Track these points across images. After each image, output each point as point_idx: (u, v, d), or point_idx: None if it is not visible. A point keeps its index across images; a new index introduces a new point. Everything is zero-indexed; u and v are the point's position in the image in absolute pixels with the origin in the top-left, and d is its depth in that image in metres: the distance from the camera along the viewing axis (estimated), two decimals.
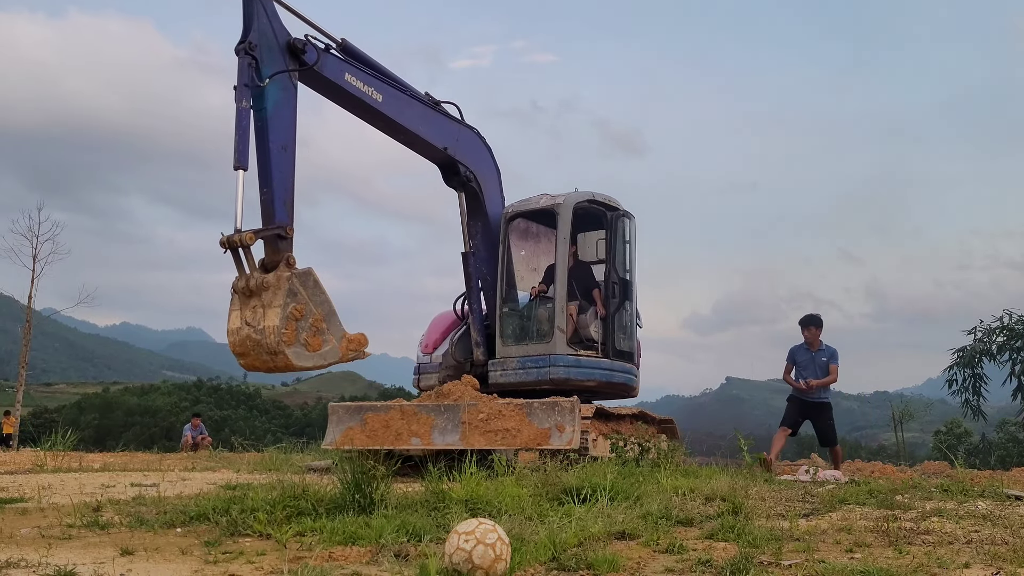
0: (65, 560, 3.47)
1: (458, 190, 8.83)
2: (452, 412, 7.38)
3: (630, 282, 9.04)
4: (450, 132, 8.48)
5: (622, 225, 9.01)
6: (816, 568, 3.28)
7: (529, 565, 3.39)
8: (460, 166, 8.54)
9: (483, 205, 8.88)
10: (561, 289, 8.38)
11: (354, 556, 3.68)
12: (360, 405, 8.04)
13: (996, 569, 3.33)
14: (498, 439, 6.99)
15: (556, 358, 8.19)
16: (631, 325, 9.11)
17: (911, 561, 3.44)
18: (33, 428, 27.42)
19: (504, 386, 8.43)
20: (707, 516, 4.73)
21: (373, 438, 7.56)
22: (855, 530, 4.32)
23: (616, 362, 8.69)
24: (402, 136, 8.08)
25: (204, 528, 4.55)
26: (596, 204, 8.92)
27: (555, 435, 6.91)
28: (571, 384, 8.18)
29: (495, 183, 9.06)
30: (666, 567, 3.44)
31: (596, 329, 8.59)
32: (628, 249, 9.09)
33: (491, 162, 9.03)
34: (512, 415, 7.14)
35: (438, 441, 7.24)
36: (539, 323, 8.57)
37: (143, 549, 3.89)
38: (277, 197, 6.23)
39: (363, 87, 7.45)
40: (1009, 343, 19.43)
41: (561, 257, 8.50)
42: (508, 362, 8.53)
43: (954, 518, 4.78)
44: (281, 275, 5.77)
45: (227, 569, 3.46)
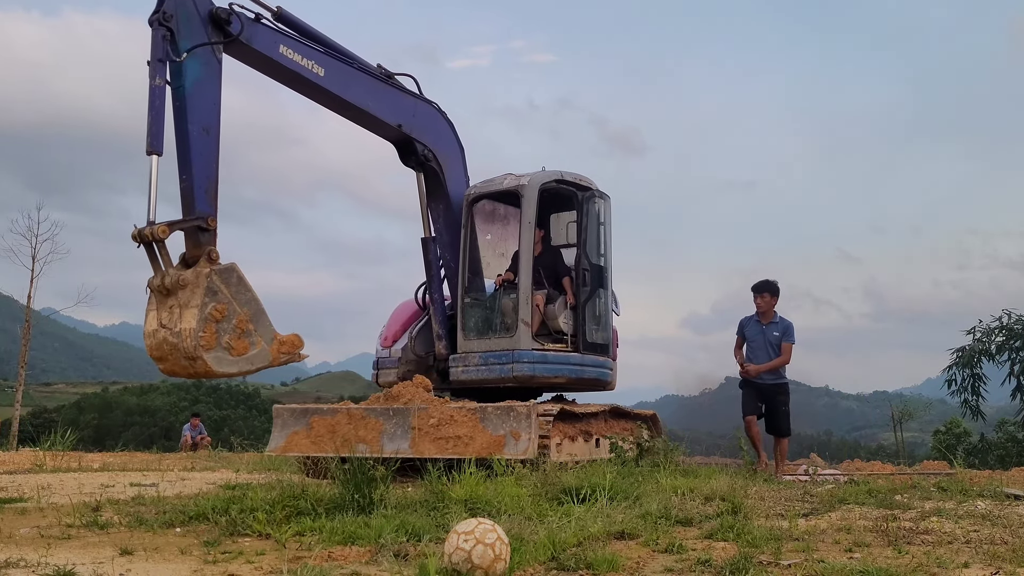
0: (64, 560, 3.47)
1: (416, 170, 8.22)
2: (402, 416, 6.87)
3: (604, 268, 8.37)
4: (404, 107, 7.86)
5: (594, 206, 8.29)
6: (815, 568, 3.29)
7: (528, 565, 3.39)
8: (417, 144, 7.92)
9: (444, 186, 8.24)
10: (526, 278, 7.71)
11: (353, 556, 3.68)
12: (306, 408, 7.55)
13: (995, 569, 3.34)
14: (449, 447, 6.50)
15: (520, 353, 7.54)
16: (605, 314, 8.47)
17: (910, 561, 3.44)
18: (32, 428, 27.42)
19: (466, 383, 7.93)
20: (706, 516, 4.73)
21: (318, 444, 7.07)
22: (854, 530, 4.32)
23: (588, 356, 8.04)
24: (350, 113, 7.54)
25: (203, 528, 4.55)
26: (565, 184, 8.19)
27: (510, 443, 6.39)
28: (537, 381, 7.65)
29: (458, 162, 8.42)
30: (665, 567, 3.45)
31: (566, 320, 7.97)
32: (602, 232, 8.40)
33: (453, 139, 8.39)
34: (464, 421, 6.62)
35: (387, 448, 6.66)
36: (503, 315, 7.92)
37: (142, 549, 3.89)
38: (198, 185, 5.76)
39: (301, 60, 6.87)
40: (1008, 343, 19.44)
41: (526, 243, 7.82)
42: (470, 357, 7.88)
43: (953, 518, 4.78)
44: (200, 272, 5.35)
45: (226, 569, 3.46)
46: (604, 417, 8.11)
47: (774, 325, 7.69)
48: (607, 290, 8.44)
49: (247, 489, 5.74)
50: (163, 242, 5.43)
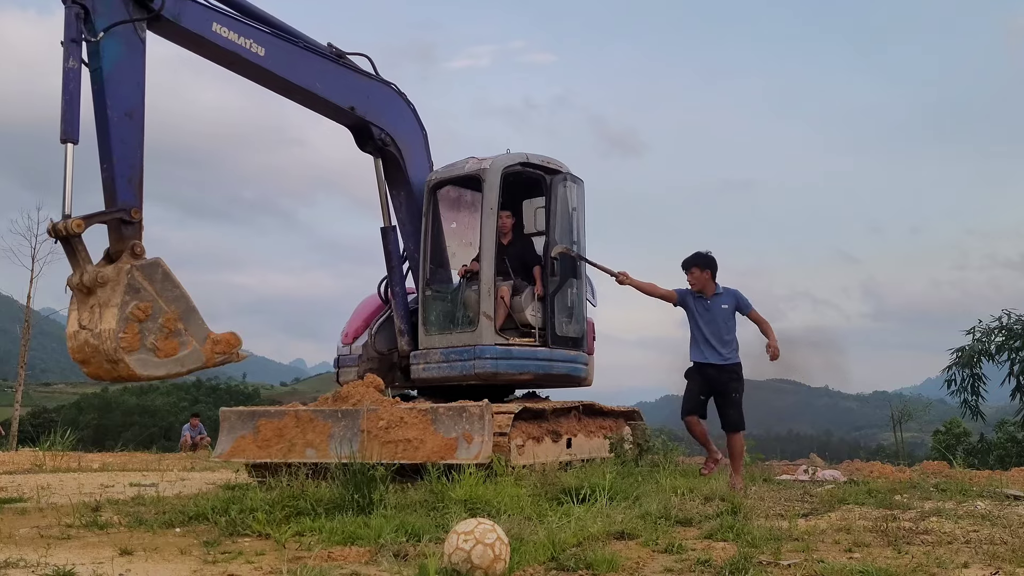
0: (64, 560, 3.47)
1: (374, 155, 7.74)
2: (351, 419, 6.44)
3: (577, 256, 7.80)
4: (357, 89, 7.38)
5: (564, 190, 7.72)
6: (815, 568, 3.29)
7: (528, 565, 3.39)
8: (373, 127, 7.46)
9: (405, 172, 7.77)
10: (488, 268, 7.22)
11: (353, 556, 3.68)
12: (253, 410, 7.13)
13: (995, 569, 3.34)
14: (399, 451, 6.08)
15: (482, 349, 7.04)
16: (578, 306, 7.89)
17: (910, 561, 3.44)
18: (32, 428, 27.41)
19: (428, 381, 7.52)
20: (706, 516, 4.73)
21: (265, 449, 6.69)
22: (854, 530, 4.32)
23: (557, 350, 7.49)
24: (298, 96, 7.10)
25: (203, 528, 4.55)
26: (531, 167, 7.62)
27: (462, 446, 5.94)
28: (501, 378, 7.15)
29: (419, 147, 7.92)
30: (665, 567, 3.45)
31: (534, 313, 7.41)
32: (575, 218, 7.84)
33: (413, 123, 7.88)
34: (415, 423, 6.18)
35: (335, 452, 6.26)
36: (465, 308, 7.44)
37: (142, 549, 3.89)
38: (119, 174, 5.38)
39: (238, 39, 6.40)
40: (1008, 343, 19.45)
41: (488, 230, 7.30)
42: (431, 354, 7.39)
43: (953, 518, 4.78)
44: (121, 268, 5.03)
45: (226, 569, 3.46)
46: (577, 415, 7.66)
47: (719, 298, 6.43)
48: (581, 280, 7.91)
49: (247, 489, 5.74)
50: (79, 237, 5.14)
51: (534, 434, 6.81)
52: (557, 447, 7.12)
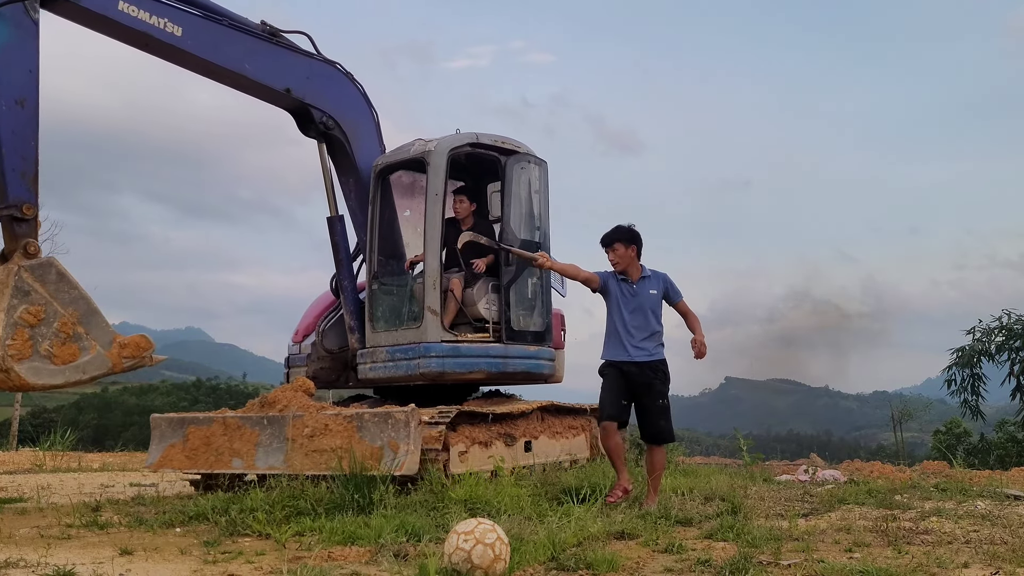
0: (64, 560, 3.47)
1: (318, 140, 7.24)
2: (277, 426, 6.02)
3: (540, 243, 7.16)
4: (294, 69, 6.88)
5: (521, 172, 7.11)
6: (815, 568, 3.29)
7: (528, 565, 3.39)
8: (313, 110, 6.99)
9: (352, 158, 7.24)
10: (432, 259, 6.67)
11: (353, 556, 3.68)
12: (183, 417, 6.67)
13: (995, 569, 3.34)
14: (323, 461, 5.65)
15: (427, 347, 6.49)
16: (540, 297, 7.27)
17: (910, 561, 3.45)
18: (32, 428, 27.42)
19: (375, 382, 7.04)
20: (706, 516, 4.73)
21: (193, 458, 6.30)
22: (854, 530, 4.32)
23: (513, 346, 6.85)
24: (226, 79, 6.63)
25: (203, 528, 4.56)
26: (482, 148, 7.01)
27: (387, 455, 5.44)
28: (448, 377, 6.56)
29: (368, 130, 7.38)
30: (665, 567, 3.45)
31: (487, 306, 6.84)
32: (537, 201, 7.25)
33: (361, 105, 7.34)
34: (339, 430, 5.73)
35: (261, 462, 5.92)
36: (411, 303, 6.90)
37: (142, 549, 3.90)
38: (10, 167, 5.03)
39: (149, 18, 5.94)
40: (1008, 343, 19.45)
41: (432, 217, 6.71)
42: (377, 352, 6.85)
43: (953, 518, 4.79)
44: (9, 268, 4.71)
45: (226, 569, 3.47)
46: (540, 415, 7.13)
47: (647, 281, 5.49)
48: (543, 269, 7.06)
49: (247, 489, 5.74)
50: None
51: (481, 438, 6.26)
52: (512, 451, 6.56)
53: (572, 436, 7.48)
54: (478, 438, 6.23)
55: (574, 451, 7.42)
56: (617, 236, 5.48)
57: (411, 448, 5.38)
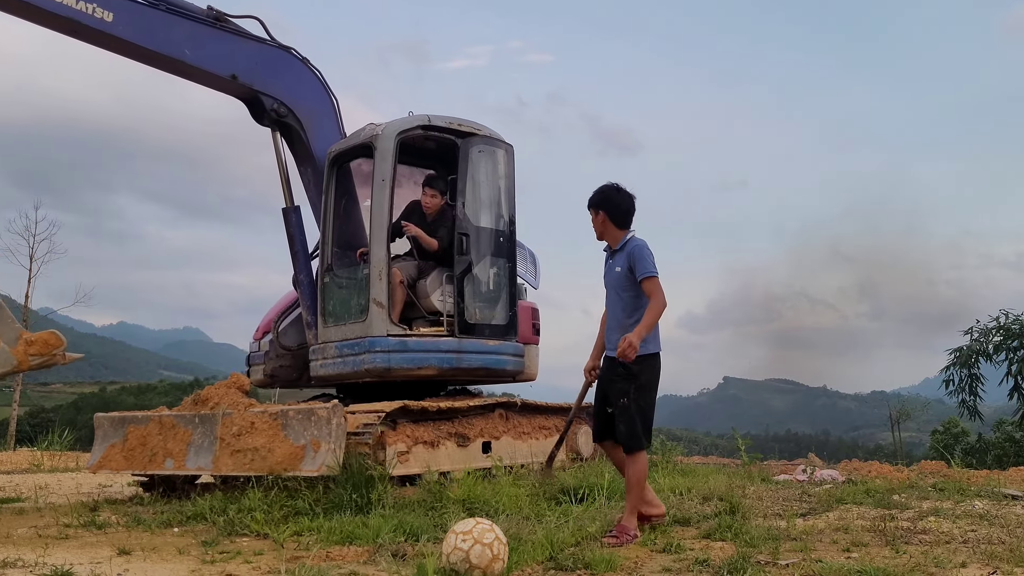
0: (62, 560, 3.47)
1: (271, 129, 6.93)
2: (209, 424, 5.76)
3: (504, 232, 6.86)
4: (241, 55, 6.56)
5: (480, 156, 6.77)
6: (813, 567, 3.29)
7: (527, 564, 3.39)
8: (264, 97, 6.69)
9: (308, 146, 6.96)
10: (379, 249, 6.32)
11: (351, 556, 3.68)
12: (124, 416, 6.43)
13: (993, 568, 3.34)
14: (247, 461, 5.36)
15: (372, 341, 6.17)
16: (503, 289, 6.85)
17: (908, 560, 3.45)
18: (30, 428, 27.39)
19: (326, 379, 6.76)
20: (704, 516, 4.73)
21: (130, 459, 6.06)
22: (852, 530, 4.32)
23: (469, 340, 6.49)
24: (166, 66, 6.35)
25: (201, 528, 4.56)
26: (435, 131, 6.68)
27: (308, 455, 5.11)
28: (396, 374, 6.24)
29: (327, 118, 7.07)
30: (663, 566, 3.45)
31: (441, 299, 6.50)
32: (502, 188, 6.93)
33: (318, 91, 7.05)
34: (264, 428, 5.44)
35: (191, 463, 5.68)
36: (359, 295, 6.51)
37: (140, 549, 3.89)
38: None
39: (76, 4, 5.66)
40: (1005, 343, 19.47)
41: (379, 205, 6.38)
42: (328, 348, 6.59)
43: (951, 517, 4.79)
44: None
45: (224, 569, 3.46)
46: (503, 414, 6.71)
47: (617, 256, 4.51)
48: (506, 259, 6.90)
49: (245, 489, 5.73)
50: None
51: (426, 438, 5.89)
52: (466, 452, 6.15)
53: (543, 438, 7.00)
54: (423, 437, 5.87)
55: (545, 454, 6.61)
56: (590, 201, 4.60)
57: (332, 447, 5.05)
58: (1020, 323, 19.26)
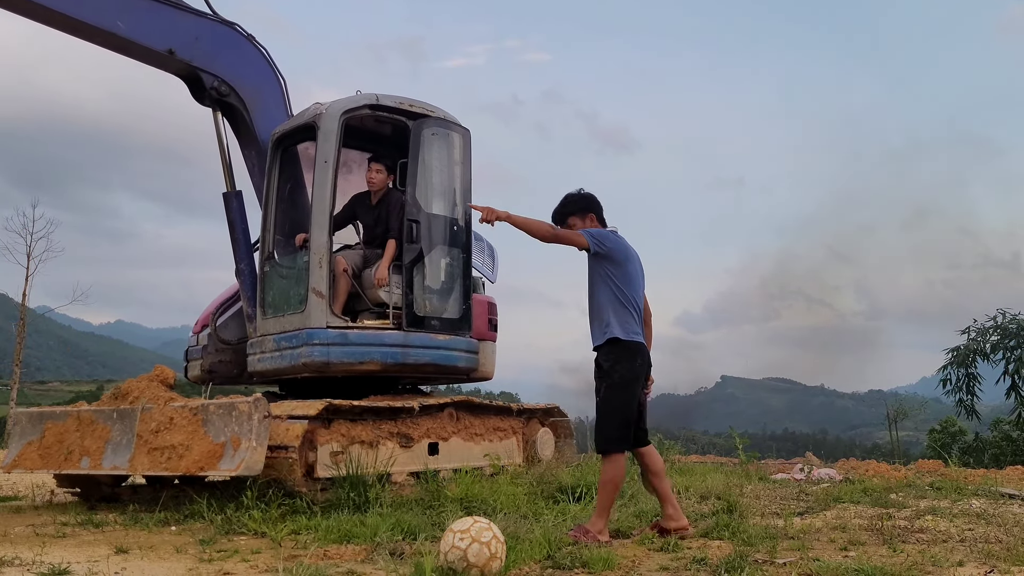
0: (59, 559, 3.46)
1: (212, 109, 6.57)
2: (128, 420, 5.39)
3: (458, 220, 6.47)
4: (179, 29, 6.22)
5: (433, 139, 6.38)
6: (811, 566, 3.29)
7: (524, 563, 3.39)
8: (204, 75, 6.35)
9: (252, 128, 6.60)
10: (320, 234, 5.95)
11: (349, 554, 3.68)
12: (43, 412, 6.10)
13: (990, 567, 3.34)
14: (163, 460, 5.02)
15: (310, 333, 5.79)
16: (457, 280, 6.44)
17: (905, 559, 3.45)
18: None
19: (263, 374, 6.32)
20: (702, 515, 4.74)
21: (46, 457, 5.69)
22: (849, 528, 4.33)
23: (416, 334, 6.06)
24: (98, 38, 6.05)
25: (199, 526, 4.55)
26: (383, 110, 6.29)
27: (228, 454, 4.78)
28: (335, 368, 5.83)
29: (273, 98, 6.72)
30: (661, 565, 3.45)
31: (389, 289, 6.09)
32: (457, 174, 6.53)
33: (263, 70, 6.68)
34: (184, 425, 5.08)
35: (108, 462, 5.31)
36: (299, 285, 6.11)
37: (138, 547, 3.89)
38: None
39: None
40: (1003, 342, 19.52)
41: (320, 187, 6.02)
42: (265, 341, 6.18)
43: (948, 516, 4.80)
44: None
45: (222, 567, 3.46)
46: (453, 414, 6.29)
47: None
48: (460, 250, 6.51)
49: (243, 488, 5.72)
50: None
51: (364, 437, 5.52)
52: (410, 454, 5.80)
53: (498, 439, 6.61)
54: (360, 437, 5.50)
55: (499, 456, 6.46)
56: (569, 210, 4.45)
57: (254, 445, 4.71)
58: (1017, 323, 19.31)
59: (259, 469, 4.68)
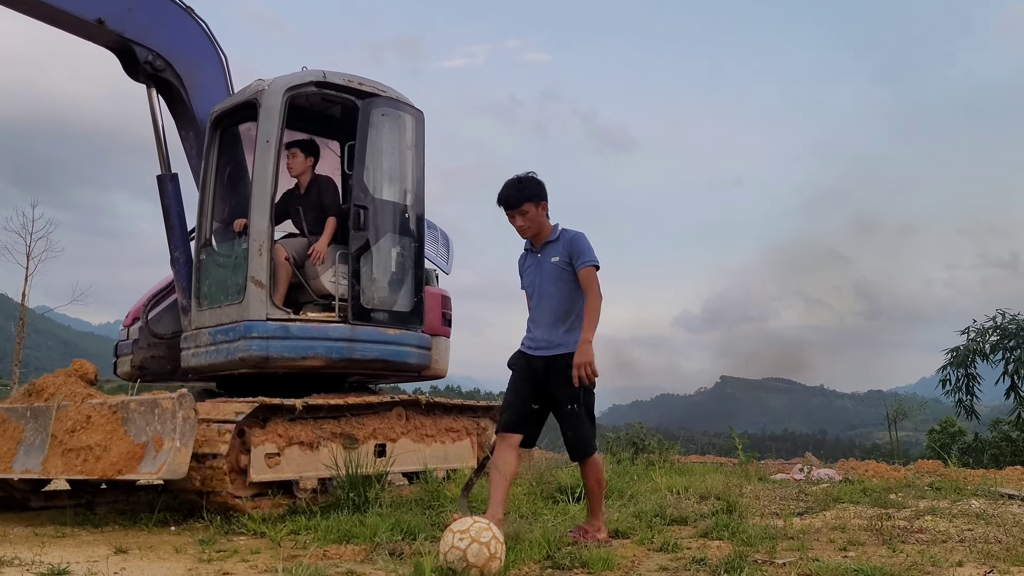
0: (59, 559, 3.46)
1: (147, 85, 6.16)
2: (42, 419, 4.99)
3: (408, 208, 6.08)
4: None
5: (383, 120, 6.00)
6: (810, 566, 3.29)
7: (524, 563, 3.40)
8: (137, 47, 5.96)
9: (190, 106, 6.24)
10: (260, 219, 5.54)
11: (348, 554, 3.68)
12: None
13: (989, 568, 3.35)
14: (79, 463, 4.62)
15: (248, 326, 5.38)
16: (407, 271, 6.06)
17: (905, 560, 3.45)
18: None
19: (198, 370, 5.87)
20: (701, 515, 4.74)
21: None
22: (849, 529, 4.33)
23: (364, 327, 5.70)
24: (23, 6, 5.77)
25: (198, 526, 4.55)
26: (332, 89, 5.94)
27: (149, 455, 4.39)
28: (276, 364, 5.44)
29: (211, 75, 6.35)
30: (660, 566, 3.45)
31: (333, 280, 5.75)
32: (411, 158, 6.15)
33: (204, 45, 6.32)
34: (102, 423, 4.67)
35: (19, 465, 4.91)
36: (237, 274, 5.69)
37: (137, 547, 3.89)
38: None
39: None
40: (1002, 343, 19.52)
41: (261, 168, 5.61)
42: (200, 335, 5.76)
43: (948, 517, 4.80)
44: None
45: (221, 567, 3.46)
46: (402, 413, 5.93)
47: (551, 247, 4.19)
48: (412, 238, 6.14)
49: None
50: None
51: (303, 438, 5.18)
52: (355, 455, 5.40)
53: (451, 441, 6.28)
54: (298, 437, 5.16)
55: (452, 458, 6.23)
56: (525, 195, 4.12)
57: (177, 445, 4.32)
58: (1016, 323, 19.32)
59: (183, 472, 4.33)
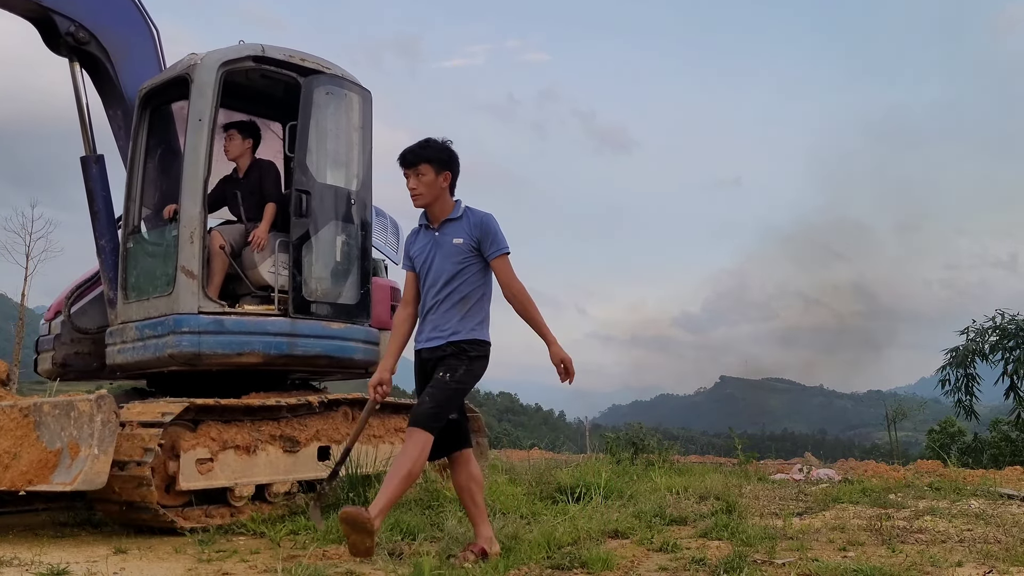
0: (58, 559, 3.46)
1: (70, 58, 5.76)
2: None
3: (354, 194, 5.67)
4: None
5: (328, 99, 5.62)
6: (810, 567, 3.29)
7: (524, 564, 3.40)
8: (58, 18, 5.55)
9: (117, 83, 5.80)
10: (191, 205, 5.10)
11: (348, 555, 3.68)
12: None
13: (989, 568, 3.35)
14: None
15: (179, 320, 4.95)
16: (354, 261, 5.65)
17: (904, 560, 3.46)
18: None
19: (124, 367, 5.42)
20: (701, 515, 4.74)
21: None
22: (848, 529, 4.33)
23: (306, 322, 5.31)
24: None
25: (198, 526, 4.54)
26: (272, 64, 5.48)
27: (64, 463, 4.00)
28: (209, 361, 5.00)
29: (141, 50, 5.91)
30: (660, 566, 3.45)
31: (273, 270, 5.32)
32: (358, 140, 5.76)
33: (132, 17, 5.90)
34: (12, 427, 4.23)
35: None
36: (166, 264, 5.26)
37: (136, 547, 3.89)
38: None
39: None
40: (1002, 343, 19.53)
41: (193, 150, 5.19)
42: (127, 330, 5.31)
43: (947, 517, 4.80)
44: None
45: (221, 568, 3.46)
46: (346, 412, 5.45)
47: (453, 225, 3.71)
48: (358, 226, 5.73)
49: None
50: None
51: (239, 441, 4.75)
52: (294, 459, 5.02)
53: (400, 442, 5.64)
54: (234, 441, 4.72)
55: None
56: (427, 154, 3.65)
57: (95, 452, 3.93)
58: (1016, 323, 19.34)
59: (102, 482, 3.92)
